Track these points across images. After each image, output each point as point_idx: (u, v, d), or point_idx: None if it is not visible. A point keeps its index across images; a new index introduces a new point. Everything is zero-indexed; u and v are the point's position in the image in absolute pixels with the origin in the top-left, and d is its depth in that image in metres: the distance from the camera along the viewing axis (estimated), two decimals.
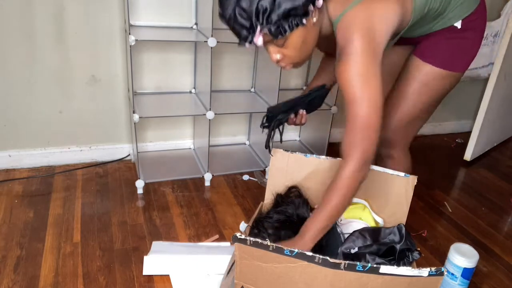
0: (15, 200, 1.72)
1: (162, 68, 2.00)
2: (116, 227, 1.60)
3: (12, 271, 1.35)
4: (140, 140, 2.12)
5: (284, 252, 0.93)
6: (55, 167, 1.98)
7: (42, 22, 1.74)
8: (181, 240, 1.57)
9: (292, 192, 1.37)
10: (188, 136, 2.23)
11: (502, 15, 2.38)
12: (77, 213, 1.67)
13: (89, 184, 1.87)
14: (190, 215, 1.72)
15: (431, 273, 0.89)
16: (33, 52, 1.78)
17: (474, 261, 1.34)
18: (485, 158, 2.53)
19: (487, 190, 2.16)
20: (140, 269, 1.39)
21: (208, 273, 1.39)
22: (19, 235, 1.51)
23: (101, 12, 1.81)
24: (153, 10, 1.88)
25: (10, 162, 1.93)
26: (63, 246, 1.48)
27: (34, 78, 1.82)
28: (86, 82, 1.91)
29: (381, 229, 1.20)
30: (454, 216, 1.89)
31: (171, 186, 1.91)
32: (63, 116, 1.94)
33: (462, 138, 2.77)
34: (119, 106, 2.01)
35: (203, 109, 1.87)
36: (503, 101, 2.45)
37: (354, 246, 1.15)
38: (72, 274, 1.36)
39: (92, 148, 2.04)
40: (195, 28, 1.96)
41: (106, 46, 1.87)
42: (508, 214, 1.96)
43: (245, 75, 2.17)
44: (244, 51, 2.10)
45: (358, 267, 0.89)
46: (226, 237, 1.60)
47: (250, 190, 1.95)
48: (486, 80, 2.31)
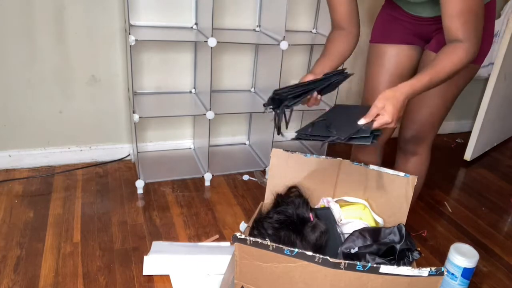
0: (15, 200, 1.72)
1: (162, 68, 2.00)
2: (116, 227, 1.60)
3: (12, 271, 1.35)
4: (140, 140, 2.12)
5: (284, 252, 0.93)
6: (55, 167, 1.98)
7: (42, 22, 1.74)
8: (181, 240, 1.57)
9: (292, 192, 1.36)
10: (188, 136, 2.23)
11: (502, 15, 2.38)
12: (77, 213, 1.67)
13: (89, 184, 1.87)
14: (190, 215, 1.72)
15: (431, 273, 0.89)
16: (33, 52, 1.78)
17: (474, 261, 1.34)
18: (485, 158, 2.53)
19: (487, 190, 2.16)
20: (140, 269, 1.39)
21: (208, 273, 1.39)
22: (19, 235, 1.51)
23: (101, 12, 1.81)
24: (153, 10, 1.88)
25: (10, 162, 1.93)
26: (63, 246, 1.48)
27: (34, 78, 1.82)
28: (86, 82, 1.91)
29: (381, 229, 1.20)
30: (454, 216, 1.89)
31: (171, 186, 1.91)
32: (63, 116, 1.94)
33: (462, 138, 2.77)
34: (119, 106, 2.01)
35: (203, 109, 1.87)
36: (503, 101, 2.45)
37: (354, 246, 1.15)
38: (72, 274, 1.36)
39: (92, 148, 2.05)
40: (195, 28, 1.96)
41: (106, 46, 1.87)
42: (508, 214, 1.96)
43: (245, 75, 2.17)
44: (244, 51, 2.10)
45: (358, 267, 0.89)
46: (226, 237, 1.60)
47: (250, 190, 1.95)
48: (486, 80, 2.32)
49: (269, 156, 1.37)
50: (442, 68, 1.08)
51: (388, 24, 1.38)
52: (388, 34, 1.38)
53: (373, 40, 1.44)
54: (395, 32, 1.37)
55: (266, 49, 2.01)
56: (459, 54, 1.08)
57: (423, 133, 1.39)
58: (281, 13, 1.78)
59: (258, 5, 2.03)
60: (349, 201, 1.33)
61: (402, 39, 1.36)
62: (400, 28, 1.36)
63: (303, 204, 1.30)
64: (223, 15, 1.99)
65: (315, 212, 1.21)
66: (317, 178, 1.35)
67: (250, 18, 2.05)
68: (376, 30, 1.44)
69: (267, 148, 2.04)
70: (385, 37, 1.39)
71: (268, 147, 2.02)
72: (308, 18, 2.16)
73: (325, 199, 1.34)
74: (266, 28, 2.01)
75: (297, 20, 2.14)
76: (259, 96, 2.13)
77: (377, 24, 1.44)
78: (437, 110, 1.33)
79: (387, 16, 1.39)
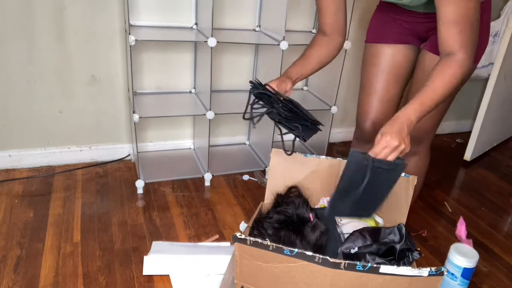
0: (15, 200, 1.72)
1: (162, 68, 2.00)
2: (116, 227, 1.60)
3: (12, 271, 1.35)
4: (140, 140, 2.12)
5: (284, 252, 0.93)
6: (55, 167, 1.98)
7: (42, 22, 1.74)
8: (181, 240, 1.57)
9: (292, 192, 1.36)
10: (188, 136, 2.23)
11: (502, 15, 2.38)
12: (77, 213, 1.67)
13: (89, 184, 1.87)
14: (190, 215, 1.72)
15: (431, 273, 0.89)
16: (33, 52, 1.78)
17: (474, 261, 1.34)
18: (485, 158, 2.53)
19: (487, 190, 2.16)
20: (140, 269, 1.39)
21: (208, 273, 1.39)
22: (19, 235, 1.51)
23: (101, 12, 1.81)
24: (153, 10, 1.88)
25: (10, 162, 1.93)
26: (63, 246, 1.48)
27: (34, 78, 1.82)
28: (86, 82, 1.91)
29: (381, 229, 1.20)
30: (454, 216, 1.89)
31: (171, 186, 1.91)
32: (63, 116, 1.94)
33: (462, 138, 2.77)
34: (119, 106, 2.01)
35: (203, 109, 1.87)
36: (503, 101, 2.45)
37: (354, 246, 1.15)
38: (72, 274, 1.36)
39: (92, 148, 2.05)
40: (195, 28, 1.96)
41: (106, 46, 1.87)
42: (508, 214, 1.96)
43: (245, 75, 2.17)
44: (244, 51, 2.10)
45: (358, 266, 0.89)
46: (226, 237, 1.60)
47: (250, 190, 1.95)
48: (486, 80, 2.32)
49: (269, 156, 1.37)
50: (435, 89, 1.07)
51: (384, 24, 1.38)
52: (384, 34, 1.38)
53: (368, 40, 1.44)
54: (390, 32, 1.36)
55: (266, 49, 2.01)
56: (454, 69, 1.06)
57: (421, 133, 1.39)
58: (281, 13, 1.78)
59: (258, 5, 2.03)
60: None
61: (398, 38, 1.36)
62: (395, 28, 1.35)
63: (303, 204, 1.30)
64: (223, 15, 1.99)
65: (315, 212, 1.21)
66: (317, 178, 1.35)
67: (250, 18, 2.05)
68: (371, 30, 1.43)
69: (267, 148, 2.04)
70: (381, 37, 1.39)
71: (268, 147, 2.02)
72: (308, 18, 2.16)
73: (325, 199, 1.34)
74: (266, 28, 2.01)
75: (297, 20, 2.14)
76: None
77: (372, 24, 1.43)
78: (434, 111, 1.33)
79: (383, 15, 1.39)
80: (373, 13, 1.44)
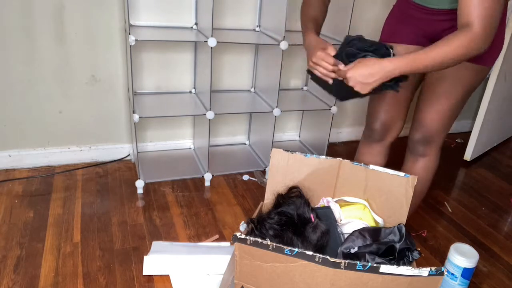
0: (15, 200, 1.72)
1: (162, 68, 2.00)
2: (116, 227, 1.60)
3: (12, 271, 1.35)
4: (140, 140, 2.12)
5: (284, 251, 0.93)
6: (55, 167, 1.98)
7: (42, 22, 1.74)
8: (181, 240, 1.57)
9: (293, 192, 1.36)
10: (188, 136, 2.23)
11: None
12: (77, 213, 1.67)
13: (89, 184, 1.87)
14: (190, 215, 1.72)
15: (431, 273, 0.89)
16: (33, 52, 1.78)
17: (474, 261, 1.34)
18: (485, 158, 2.53)
19: (487, 190, 2.16)
20: (140, 269, 1.39)
21: (208, 273, 1.39)
22: (19, 235, 1.51)
23: (101, 12, 1.81)
24: (153, 10, 1.88)
25: (10, 162, 1.93)
26: (63, 246, 1.48)
27: (34, 78, 1.82)
28: (86, 82, 1.91)
29: (381, 229, 1.20)
30: (454, 216, 1.89)
31: (171, 186, 1.91)
32: (63, 116, 1.94)
33: (462, 138, 2.77)
34: (119, 106, 2.01)
35: (203, 109, 1.87)
36: (503, 101, 2.45)
37: (354, 245, 1.15)
38: (72, 274, 1.36)
39: (92, 148, 2.05)
40: (195, 28, 1.96)
41: (106, 46, 1.87)
42: (508, 214, 1.96)
43: (245, 75, 2.17)
44: (244, 51, 2.10)
45: (358, 266, 0.89)
46: (226, 237, 1.60)
47: (250, 190, 1.95)
48: (486, 80, 2.31)
49: (269, 156, 1.37)
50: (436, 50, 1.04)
51: (399, 23, 1.37)
52: (398, 33, 1.37)
53: (382, 38, 1.43)
54: (405, 32, 1.35)
55: (266, 49, 2.02)
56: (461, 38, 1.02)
57: (432, 135, 1.37)
58: (281, 13, 1.78)
59: (258, 5, 2.03)
60: (349, 201, 1.33)
61: (411, 39, 1.34)
62: (410, 28, 1.33)
63: (304, 205, 1.30)
64: (223, 15, 2.00)
65: (316, 213, 1.21)
66: (317, 178, 1.35)
67: (250, 18, 2.05)
68: (386, 28, 1.42)
69: (267, 148, 2.04)
70: (394, 36, 1.37)
71: (268, 147, 2.02)
72: None
73: (325, 199, 1.34)
74: (266, 28, 2.01)
75: (297, 20, 2.13)
76: (259, 96, 2.13)
77: (388, 21, 1.42)
78: (444, 113, 1.32)
79: (399, 13, 1.37)
80: (390, 11, 1.43)
